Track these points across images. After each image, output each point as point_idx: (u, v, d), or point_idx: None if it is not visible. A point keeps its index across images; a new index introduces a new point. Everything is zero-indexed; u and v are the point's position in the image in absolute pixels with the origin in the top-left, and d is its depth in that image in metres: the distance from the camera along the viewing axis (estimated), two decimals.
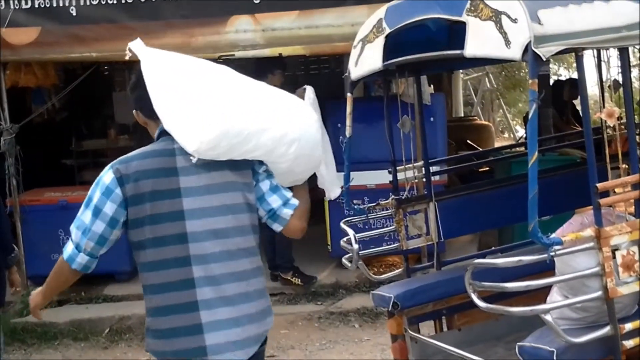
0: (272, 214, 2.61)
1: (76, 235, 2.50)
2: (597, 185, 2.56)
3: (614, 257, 2.56)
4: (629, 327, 2.61)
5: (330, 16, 5.99)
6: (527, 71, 2.43)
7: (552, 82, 9.19)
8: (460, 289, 2.73)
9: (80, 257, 2.51)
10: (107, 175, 2.49)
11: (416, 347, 3.45)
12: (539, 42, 2.39)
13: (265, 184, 2.59)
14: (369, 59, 3.19)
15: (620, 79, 2.75)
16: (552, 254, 2.42)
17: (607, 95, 2.96)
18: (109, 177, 2.47)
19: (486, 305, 2.57)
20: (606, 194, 2.63)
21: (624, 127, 2.72)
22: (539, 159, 2.39)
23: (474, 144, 9.34)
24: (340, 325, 5.80)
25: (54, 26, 6.25)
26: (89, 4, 6.20)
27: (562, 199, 3.70)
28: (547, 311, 2.51)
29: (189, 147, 2.45)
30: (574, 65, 3.85)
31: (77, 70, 7.72)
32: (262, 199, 2.59)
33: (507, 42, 2.45)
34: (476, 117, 13.26)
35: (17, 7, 6.21)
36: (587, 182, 2.57)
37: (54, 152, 8.88)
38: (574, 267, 2.61)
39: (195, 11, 6.12)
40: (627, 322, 2.62)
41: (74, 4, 6.20)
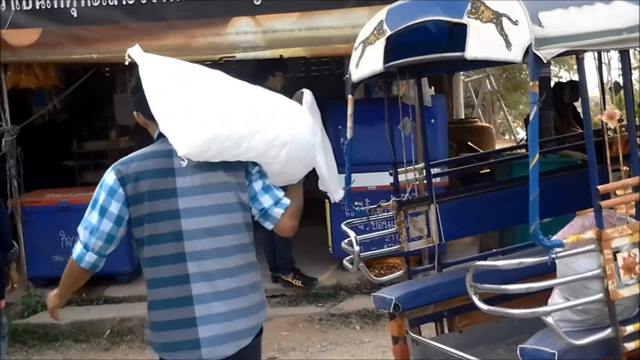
0: (264, 213, 2.70)
1: (84, 235, 2.61)
2: (598, 187, 2.56)
3: (615, 259, 2.56)
4: (630, 329, 2.61)
5: (331, 18, 5.98)
6: (528, 73, 2.43)
7: (553, 84, 9.16)
8: (461, 291, 2.74)
9: (88, 256, 2.62)
10: (109, 176, 2.60)
11: (417, 349, 3.45)
12: (539, 44, 2.39)
13: (257, 184, 2.68)
14: (370, 60, 3.19)
15: (621, 81, 2.75)
16: (553, 256, 2.42)
17: (608, 97, 2.95)
18: (112, 178, 2.59)
19: (487, 307, 2.58)
20: (607, 196, 2.63)
21: (624, 129, 2.73)
22: (540, 161, 2.40)
23: (474, 146, 9.34)
24: (341, 327, 5.78)
25: (55, 27, 6.25)
26: (90, 5, 6.20)
27: (563, 201, 3.71)
28: (548, 313, 2.51)
29: (180, 150, 2.53)
30: (575, 67, 3.85)
31: (78, 71, 7.73)
32: (254, 199, 2.68)
33: (508, 44, 2.45)
34: (477, 119, 13.23)
35: (18, 9, 6.20)
36: (588, 184, 2.57)
37: (54, 154, 8.87)
38: (575, 270, 2.62)
39: (196, 12, 6.10)
40: (628, 325, 2.62)
41: (75, 5, 6.20)
